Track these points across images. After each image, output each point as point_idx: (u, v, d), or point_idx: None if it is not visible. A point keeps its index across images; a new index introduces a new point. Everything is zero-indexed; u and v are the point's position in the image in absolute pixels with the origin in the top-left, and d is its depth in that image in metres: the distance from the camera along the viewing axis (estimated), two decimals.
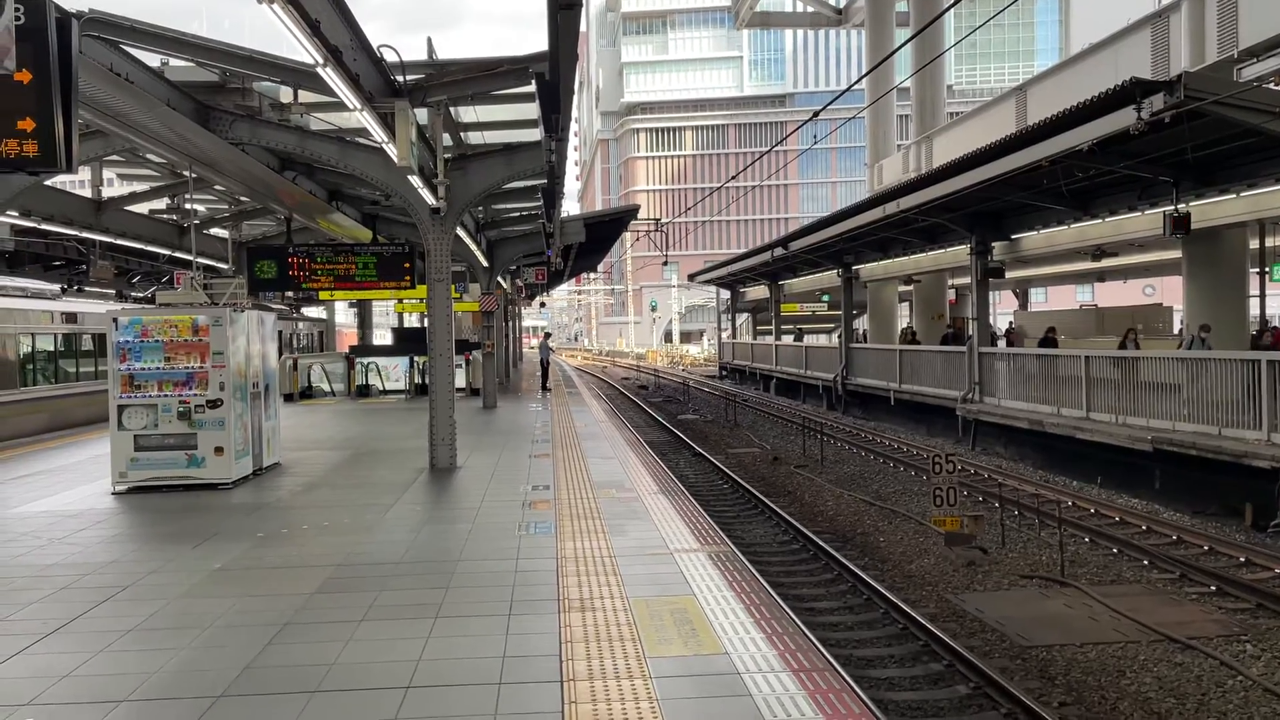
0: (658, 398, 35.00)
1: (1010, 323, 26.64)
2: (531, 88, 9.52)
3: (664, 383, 43.16)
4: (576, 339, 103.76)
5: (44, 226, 16.06)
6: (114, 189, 21.44)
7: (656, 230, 40.81)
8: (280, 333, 30.85)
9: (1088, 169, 13.69)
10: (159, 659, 5.28)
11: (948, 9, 9.25)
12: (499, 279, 26.21)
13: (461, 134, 12.98)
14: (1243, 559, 10.01)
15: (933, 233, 20.99)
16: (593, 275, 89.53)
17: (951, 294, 28.34)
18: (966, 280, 23.83)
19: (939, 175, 15.88)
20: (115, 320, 10.42)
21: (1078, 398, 14.97)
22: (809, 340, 36.76)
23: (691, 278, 47.45)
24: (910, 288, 26.87)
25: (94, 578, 6.95)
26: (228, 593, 6.44)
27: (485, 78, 10.09)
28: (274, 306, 29.14)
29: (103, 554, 7.67)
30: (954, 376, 19.55)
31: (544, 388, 26.36)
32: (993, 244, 18.72)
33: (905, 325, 31.32)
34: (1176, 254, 19.32)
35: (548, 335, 29.66)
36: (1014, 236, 18.89)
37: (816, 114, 14.38)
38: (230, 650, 5.36)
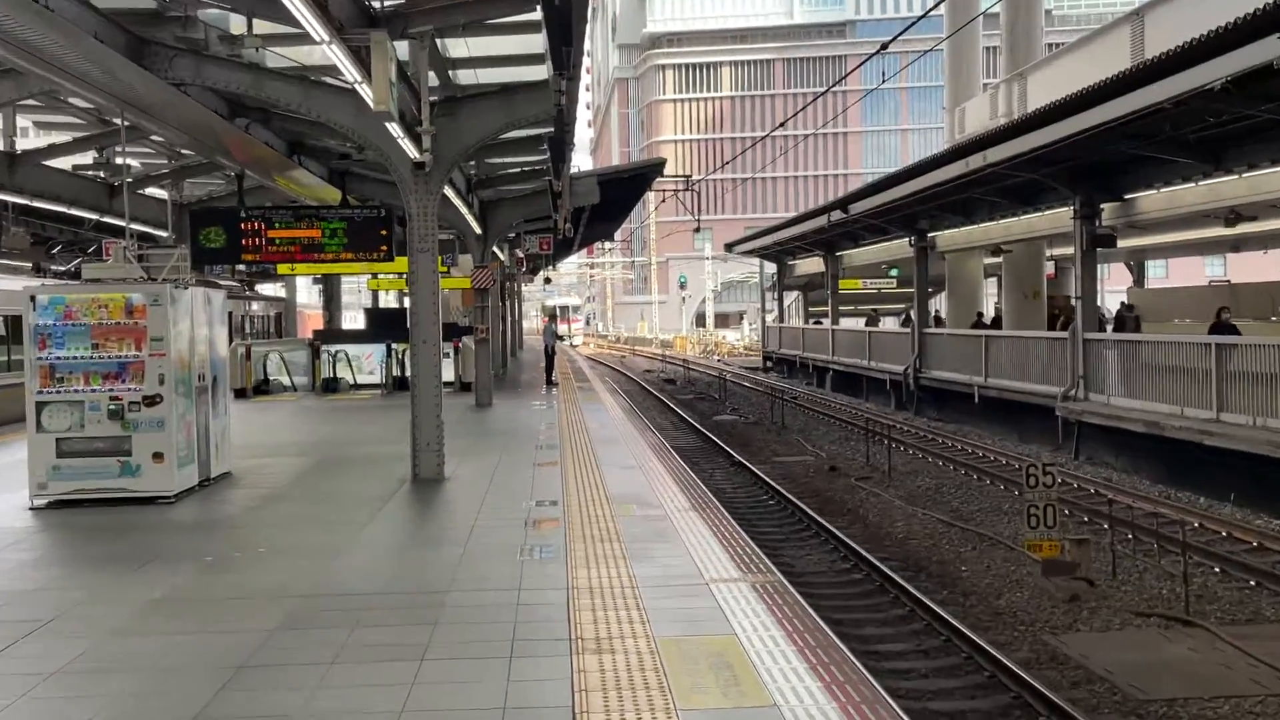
0: (688, 394, 35.06)
1: (1123, 303, 26.45)
2: (536, 14, 9.49)
3: (695, 376, 43.22)
4: (588, 322, 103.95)
5: None
6: (30, 140, 21.61)
7: (686, 190, 40.84)
8: (230, 315, 31.17)
9: (1220, 113, 13.54)
10: (87, 708, 5.31)
11: None
12: (494, 249, 26.31)
13: (451, 72, 12.99)
14: None
15: (1027, 192, 20.84)
16: (608, 245, 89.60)
17: (1050, 267, 28.17)
18: (1068, 250, 23.66)
19: (1035, 121, 15.74)
20: (33, 299, 10.48)
21: (1205, 395, 14.85)
22: (874, 323, 36.69)
23: (729, 247, 47.42)
24: (998, 259, 26.71)
25: (8, 610, 7.00)
26: (170, 629, 6.48)
27: (480, 2, 10.08)
28: (223, 283, 29.40)
29: (19, 582, 7.74)
30: (1053, 369, 19.45)
31: (549, 381, 26.45)
32: (1101, 206, 18.57)
33: (992, 307, 31.11)
34: None
35: (552, 317, 29.82)
36: (1128, 196, 18.73)
37: (884, 46, 14.26)
38: (173, 699, 5.37)
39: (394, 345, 24.54)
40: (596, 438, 15.34)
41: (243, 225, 13.85)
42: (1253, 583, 10.53)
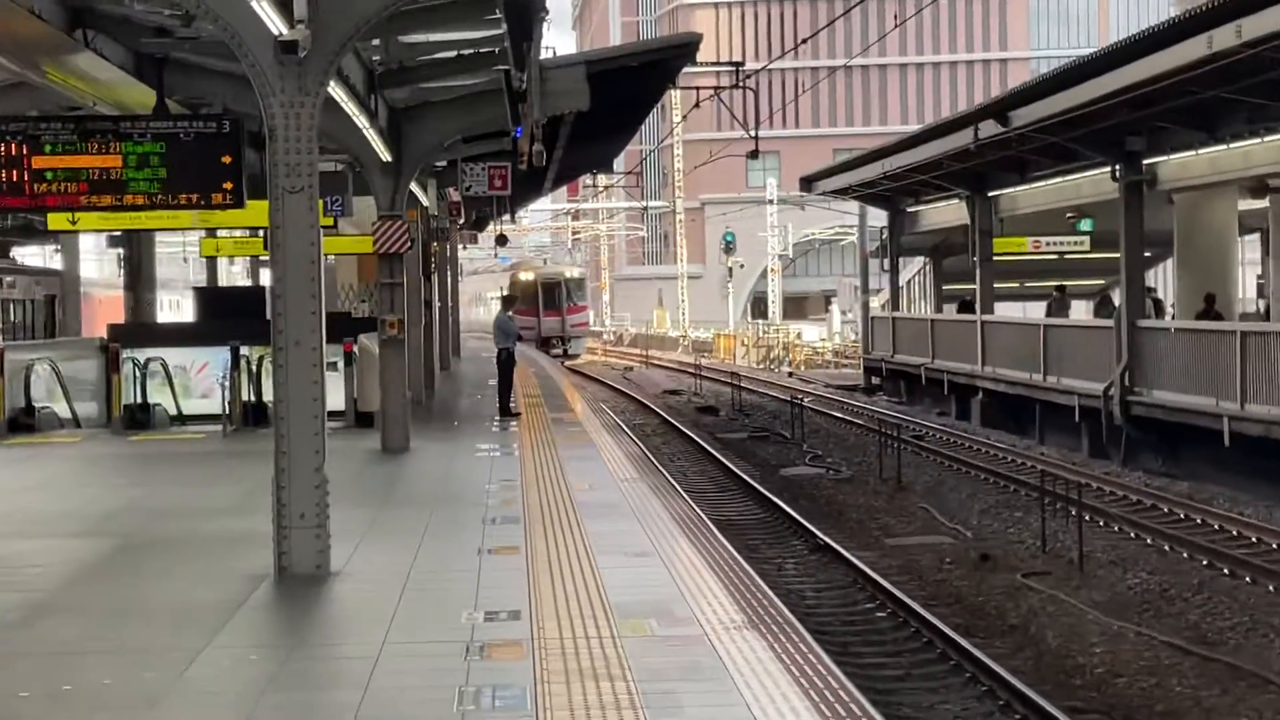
0: (739, 431, 35.18)
1: None
2: None
3: (751, 401, 43.19)
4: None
5: None
6: None
7: (735, 88, 40.63)
8: None
9: None
10: None
11: None
12: (414, 188, 26.20)
13: None
14: None
15: None
16: (603, 181, 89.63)
17: None
18: None
19: None
20: None
21: None
22: (1062, 308, 36.58)
23: (807, 184, 47.44)
24: (1264, 203, 26.68)
25: None
26: None
27: None
28: None
29: None
30: None
31: (504, 409, 26.39)
32: None
33: (1253, 281, 30.97)
34: None
35: (508, 300, 29.71)
36: None
37: None
38: None
39: (244, 350, 24.50)
40: (586, 504, 15.24)
41: None
42: None
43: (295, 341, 11.79)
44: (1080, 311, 40.95)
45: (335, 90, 15.90)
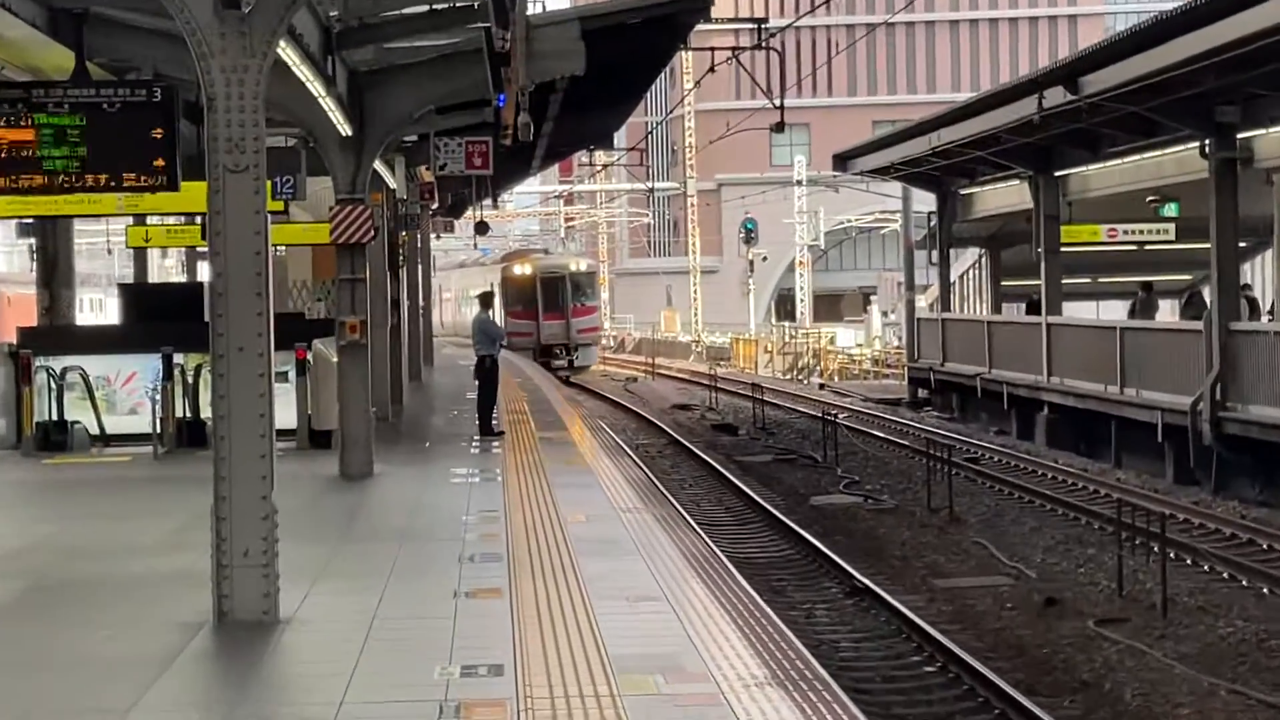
0: (761, 453, 35.30)
1: None
2: None
3: (776, 417, 43.18)
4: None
5: None
6: None
7: (757, 48, 40.68)
8: None
9: None
10: None
11: None
12: (379, 167, 26.17)
13: None
14: None
15: None
16: (601, 159, 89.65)
17: None
18: None
19: None
20: None
21: None
22: (1148, 310, 36.46)
23: (842, 162, 47.38)
24: None
25: None
26: None
27: None
28: None
29: None
30: None
31: (486, 427, 26.38)
32: None
33: None
34: None
35: (486, 298, 29.56)
36: None
37: None
38: None
39: (179, 358, 24.49)
40: (581, 540, 15.25)
41: None
42: None
43: (238, 347, 11.79)
44: (1168, 313, 40.85)
45: (285, 52, 15.89)
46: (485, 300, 29.09)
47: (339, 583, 13.32)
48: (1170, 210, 35.44)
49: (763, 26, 40.78)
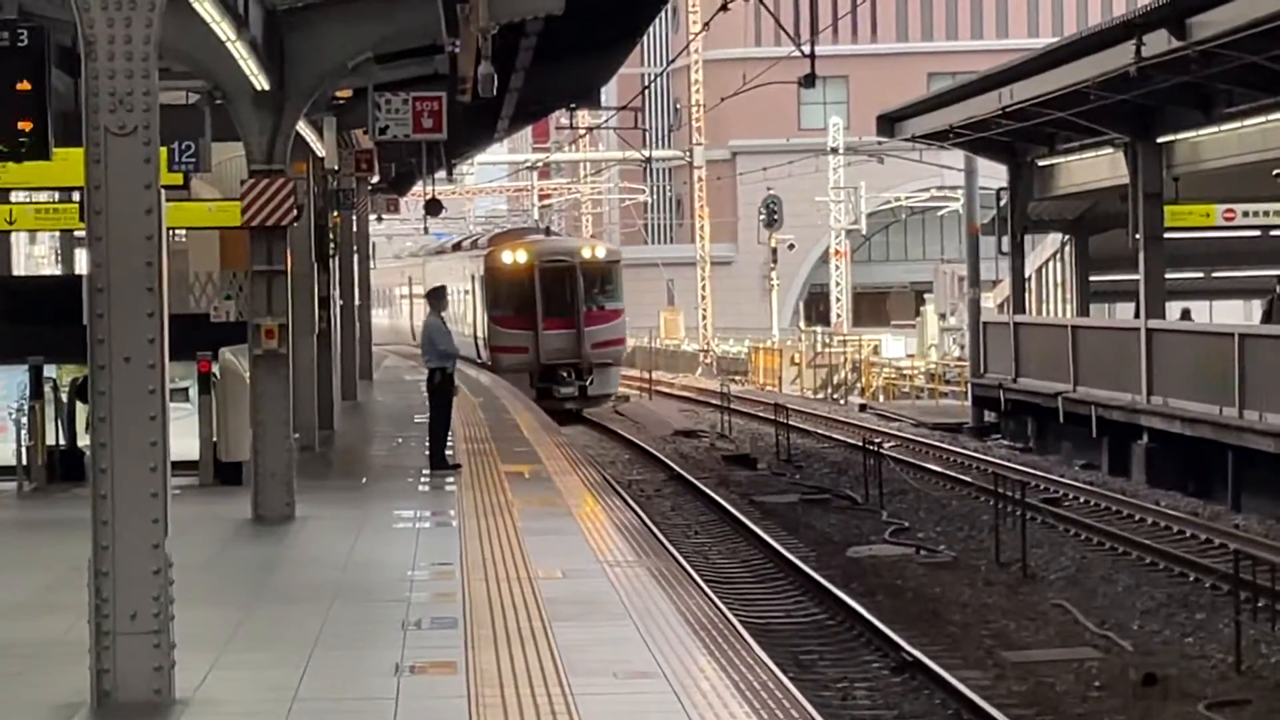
0: (785, 491, 35.46)
1: None
2: None
3: (803, 445, 43.07)
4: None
5: None
6: None
7: None
8: None
9: None
10: None
11: None
12: (304, 129, 26.14)
13: None
14: None
15: None
16: (586, 121, 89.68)
17: None
18: None
19: None
20: None
21: None
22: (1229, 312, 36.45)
23: (887, 125, 47.37)
24: None
25: None
26: None
27: None
28: None
29: None
30: None
31: (436, 459, 26.37)
32: None
33: None
34: None
35: (436, 295, 29.28)
36: None
37: None
38: None
39: (50, 370, 24.46)
40: (557, 601, 15.26)
41: None
42: None
43: (124, 357, 11.76)
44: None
45: None
46: (435, 298, 28.56)
47: (251, 654, 13.29)
48: None
49: None
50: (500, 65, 25.95)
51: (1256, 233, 37.77)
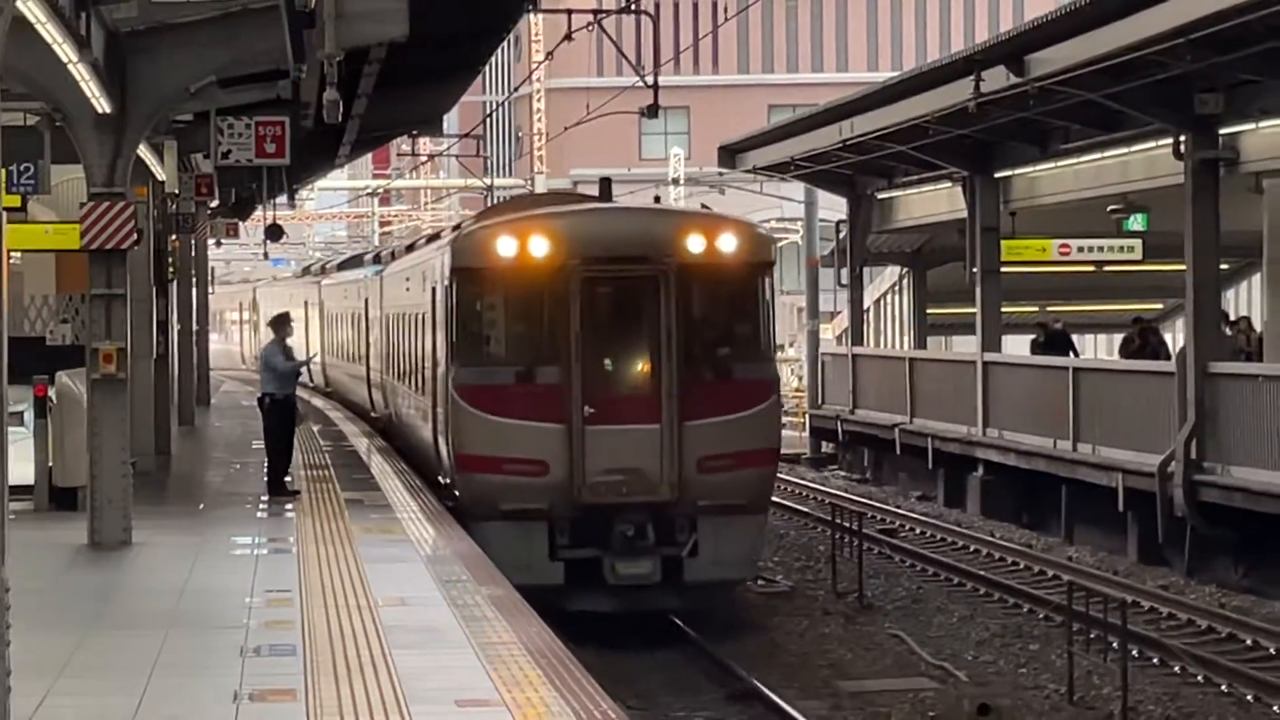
0: None
1: None
2: None
3: None
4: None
5: None
6: None
7: (625, 11, 40.78)
8: None
9: None
10: None
11: None
12: (145, 152, 25.91)
13: None
14: None
15: None
16: (427, 151, 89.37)
17: None
18: None
19: None
20: None
21: None
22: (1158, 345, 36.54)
23: (729, 155, 47.40)
24: None
25: None
26: None
27: None
28: None
29: None
30: None
31: (275, 484, 26.22)
32: None
33: None
34: None
35: (281, 320, 28.89)
36: None
37: None
38: None
39: None
40: (398, 628, 15.24)
41: None
42: None
43: None
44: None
45: (26, 4, 15.76)
46: (278, 323, 28.30)
47: (87, 681, 13.19)
48: (1137, 223, 35.69)
49: None
50: (344, 91, 25.87)
51: (1091, 268, 37.99)
